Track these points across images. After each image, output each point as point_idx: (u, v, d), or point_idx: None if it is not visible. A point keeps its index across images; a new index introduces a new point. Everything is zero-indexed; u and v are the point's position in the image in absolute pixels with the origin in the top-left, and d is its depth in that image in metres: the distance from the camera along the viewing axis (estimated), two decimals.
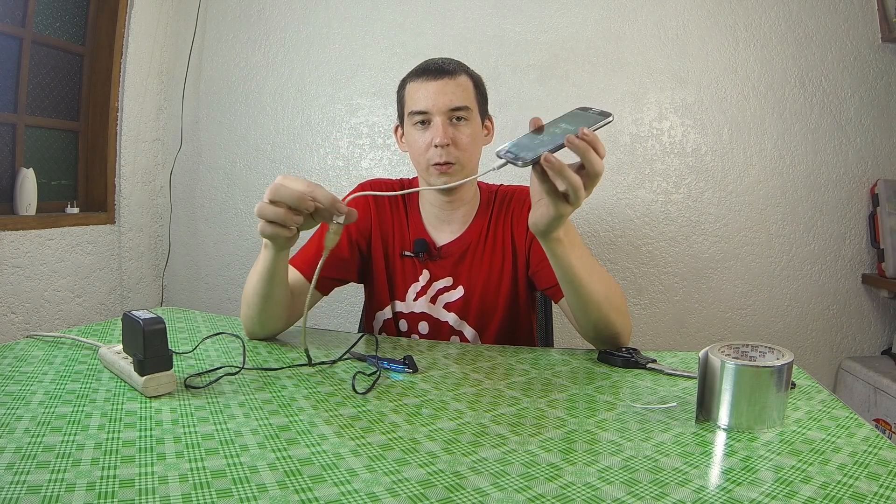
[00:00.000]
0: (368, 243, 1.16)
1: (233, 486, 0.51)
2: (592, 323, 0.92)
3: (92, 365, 0.83)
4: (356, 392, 0.76)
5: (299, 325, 1.06)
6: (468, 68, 1.11)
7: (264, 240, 0.84)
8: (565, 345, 1.46)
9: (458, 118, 1.05)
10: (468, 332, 1.13)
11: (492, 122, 1.17)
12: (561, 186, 0.71)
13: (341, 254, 1.11)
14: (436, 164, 1.05)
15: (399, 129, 1.16)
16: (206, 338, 0.98)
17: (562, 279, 0.87)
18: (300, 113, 2.18)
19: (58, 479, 0.51)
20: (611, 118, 0.71)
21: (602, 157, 0.70)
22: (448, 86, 1.05)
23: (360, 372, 0.82)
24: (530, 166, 0.69)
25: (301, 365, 0.86)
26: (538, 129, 0.71)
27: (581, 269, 0.85)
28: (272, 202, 0.74)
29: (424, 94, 1.05)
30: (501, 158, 0.70)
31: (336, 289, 1.15)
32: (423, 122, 1.06)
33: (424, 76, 1.06)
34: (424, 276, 1.14)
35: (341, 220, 0.74)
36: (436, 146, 1.04)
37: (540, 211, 0.76)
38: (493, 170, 0.72)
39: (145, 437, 0.60)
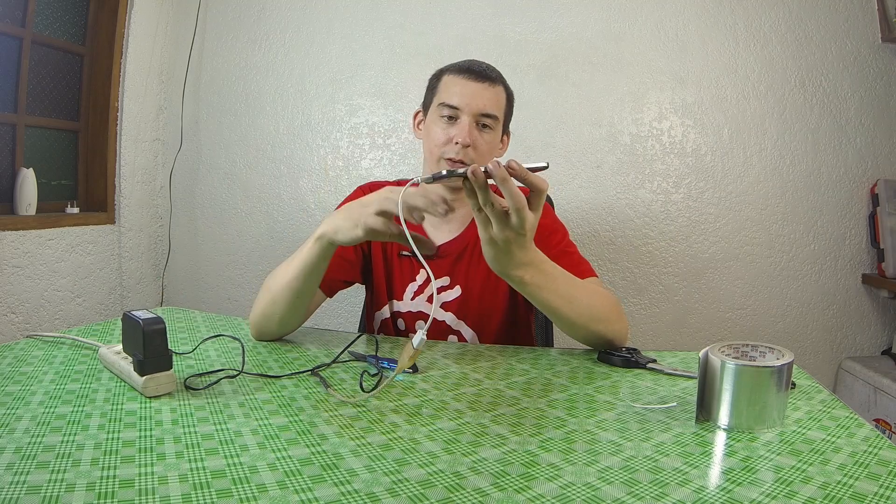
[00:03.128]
0: (370, 243, 1.16)
1: (233, 486, 0.51)
2: (581, 337, 0.94)
3: (92, 365, 0.83)
4: (363, 391, 0.76)
5: (303, 326, 1.06)
6: (506, 82, 1.12)
7: (317, 235, 0.86)
8: (565, 345, 1.46)
9: (485, 124, 1.06)
10: (466, 332, 1.13)
11: (508, 138, 1.18)
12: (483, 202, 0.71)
13: (347, 255, 1.12)
14: (450, 160, 1.06)
15: (419, 115, 1.16)
16: (206, 339, 0.98)
17: (540, 310, 0.88)
18: (300, 113, 2.18)
19: (58, 479, 0.51)
20: (545, 166, 0.71)
21: (542, 189, 0.71)
22: (487, 91, 1.06)
23: (365, 371, 0.83)
24: (454, 179, 0.70)
25: (301, 372, 0.86)
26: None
27: (557, 301, 0.85)
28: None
29: (461, 91, 1.06)
30: (426, 178, 0.74)
31: None
32: (450, 117, 1.07)
33: (467, 74, 1.07)
34: (421, 275, 1.14)
35: (416, 343, 0.73)
36: (457, 143, 1.04)
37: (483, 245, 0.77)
38: (417, 181, 0.77)
39: (145, 437, 0.60)
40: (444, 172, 0.71)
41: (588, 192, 1.96)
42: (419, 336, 0.72)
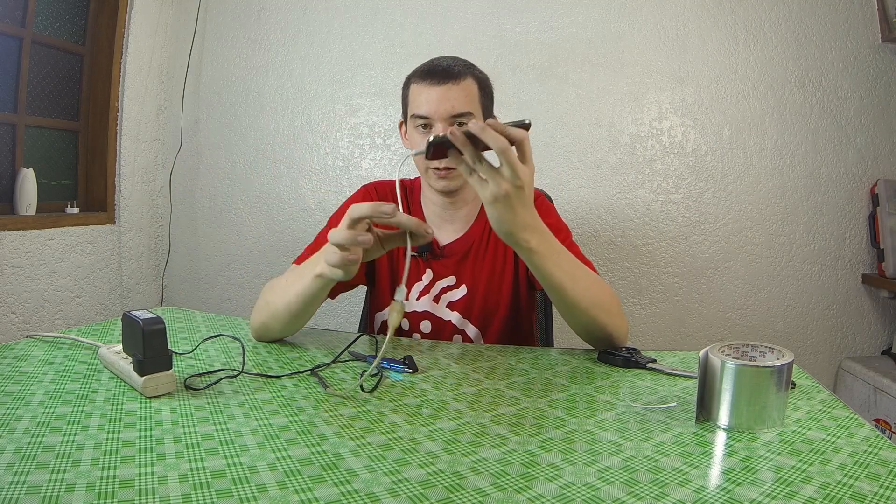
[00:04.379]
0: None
1: (233, 486, 0.51)
2: (582, 326, 0.93)
3: (92, 365, 0.83)
4: (363, 390, 0.76)
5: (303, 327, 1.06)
6: (474, 69, 1.09)
7: (317, 272, 0.83)
8: (565, 345, 1.46)
9: (461, 123, 1.04)
10: (471, 331, 1.13)
11: None
12: (470, 162, 0.74)
13: None
14: (435, 169, 1.05)
15: (403, 125, 1.16)
16: (206, 339, 0.98)
17: (544, 286, 0.88)
18: (300, 113, 2.18)
19: (58, 479, 0.51)
20: (526, 123, 0.74)
21: (519, 139, 0.73)
22: (451, 91, 1.03)
23: (364, 371, 0.83)
24: (440, 146, 0.74)
25: (301, 372, 0.86)
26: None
27: (562, 276, 0.85)
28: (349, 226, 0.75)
29: (427, 99, 1.04)
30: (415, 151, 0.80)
31: None
32: (424, 126, 1.06)
33: (429, 79, 1.05)
34: (428, 275, 1.14)
35: (400, 297, 0.75)
36: None
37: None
38: (410, 154, 0.85)
39: (145, 437, 0.60)
40: (431, 139, 0.73)
41: (588, 192, 1.96)
42: (402, 290, 0.75)
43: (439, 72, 1.05)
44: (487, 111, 1.11)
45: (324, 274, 0.81)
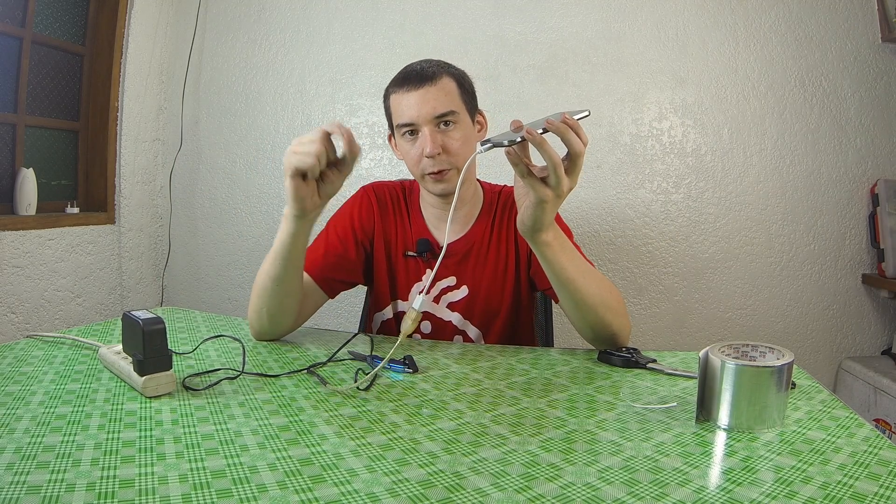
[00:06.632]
0: (372, 243, 1.16)
1: (233, 486, 0.51)
2: (589, 324, 0.92)
3: (92, 365, 0.83)
4: (357, 388, 0.76)
5: (303, 326, 1.06)
6: (449, 67, 1.09)
7: (285, 211, 0.87)
8: (565, 345, 1.46)
9: (446, 122, 1.04)
10: (472, 331, 1.13)
11: (483, 117, 1.16)
12: (539, 170, 0.75)
13: (348, 255, 1.12)
14: (431, 174, 1.05)
15: (392, 137, 1.16)
16: (207, 339, 0.98)
17: (554, 282, 0.88)
18: (300, 113, 2.18)
19: (58, 479, 0.51)
20: (587, 113, 0.75)
21: (584, 142, 0.74)
22: (430, 93, 1.03)
23: (360, 370, 0.83)
24: (512, 147, 0.74)
25: (299, 371, 0.86)
26: (518, 128, 0.74)
27: (573, 272, 0.85)
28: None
29: (408, 105, 1.04)
30: (483, 146, 0.76)
31: None
32: (411, 133, 1.06)
33: (406, 86, 1.05)
34: (428, 275, 1.14)
35: (417, 306, 0.78)
36: (427, 157, 1.03)
37: (524, 205, 0.79)
38: (478, 153, 0.78)
39: (145, 437, 0.60)
40: (506, 142, 0.74)
41: (588, 192, 1.96)
42: (420, 299, 0.77)
43: (414, 76, 1.05)
44: (470, 107, 1.10)
45: (287, 216, 0.86)
